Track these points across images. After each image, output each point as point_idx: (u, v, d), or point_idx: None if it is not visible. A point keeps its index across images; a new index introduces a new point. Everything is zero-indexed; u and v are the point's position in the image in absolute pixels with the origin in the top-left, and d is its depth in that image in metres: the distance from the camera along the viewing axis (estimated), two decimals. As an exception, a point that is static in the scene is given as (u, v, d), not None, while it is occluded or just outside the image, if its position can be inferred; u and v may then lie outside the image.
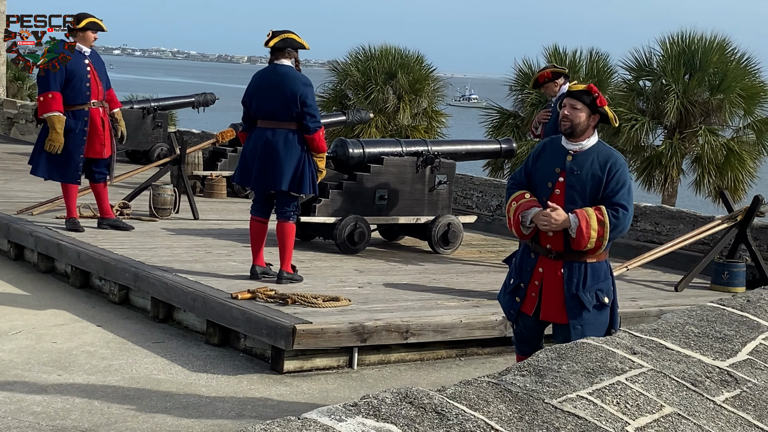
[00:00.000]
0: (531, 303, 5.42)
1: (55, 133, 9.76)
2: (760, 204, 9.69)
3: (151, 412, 5.91)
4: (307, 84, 8.05)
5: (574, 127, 5.33)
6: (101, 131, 10.01)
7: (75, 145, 9.89)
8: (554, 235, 5.29)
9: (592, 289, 5.32)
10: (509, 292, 5.52)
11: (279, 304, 7.33)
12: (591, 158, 5.31)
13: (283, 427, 2.69)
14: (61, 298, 8.71)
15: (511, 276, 5.57)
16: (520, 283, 5.44)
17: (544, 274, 5.36)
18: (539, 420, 3.04)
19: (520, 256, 5.52)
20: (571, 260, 5.31)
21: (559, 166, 5.34)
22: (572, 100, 5.37)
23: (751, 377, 3.75)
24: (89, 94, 9.95)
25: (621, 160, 5.41)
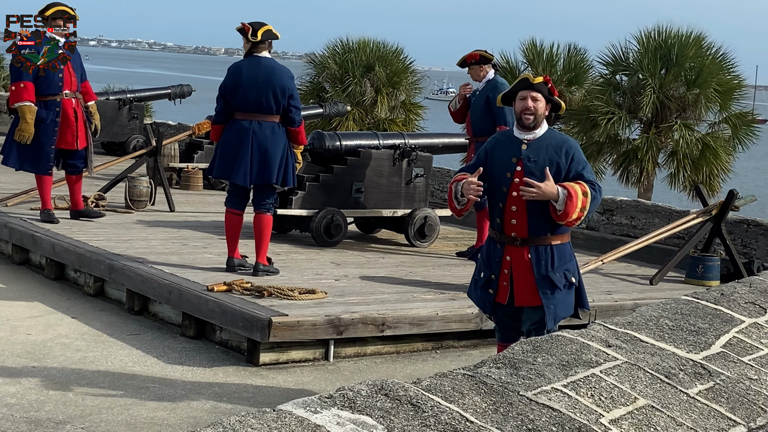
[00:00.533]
0: (504, 292, 5.55)
1: (25, 123, 9.70)
2: (734, 198, 9.75)
3: (126, 404, 5.89)
4: (292, 77, 8.15)
5: (537, 118, 5.49)
6: (73, 122, 9.95)
7: (46, 135, 9.83)
8: (518, 223, 5.44)
9: (560, 269, 5.49)
10: (481, 286, 5.65)
11: (255, 296, 7.32)
12: (545, 144, 5.49)
13: (259, 419, 2.69)
14: (36, 290, 8.66)
15: (480, 270, 5.68)
16: (491, 275, 5.57)
17: (513, 261, 5.50)
18: (514, 412, 3.05)
19: (487, 250, 5.66)
20: (537, 244, 5.47)
21: (514, 155, 5.48)
22: (534, 93, 5.49)
23: (725, 370, 3.78)
24: (62, 84, 9.89)
25: (574, 142, 5.64)
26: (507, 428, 2.94)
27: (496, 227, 5.58)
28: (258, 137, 7.96)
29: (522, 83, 5.57)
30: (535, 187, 5.30)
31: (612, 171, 18.48)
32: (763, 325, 4.32)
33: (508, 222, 5.48)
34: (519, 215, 5.46)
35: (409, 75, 20.58)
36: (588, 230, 11.56)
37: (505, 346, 5.60)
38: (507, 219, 5.49)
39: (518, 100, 5.53)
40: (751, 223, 10.53)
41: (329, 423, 2.73)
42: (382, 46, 20.46)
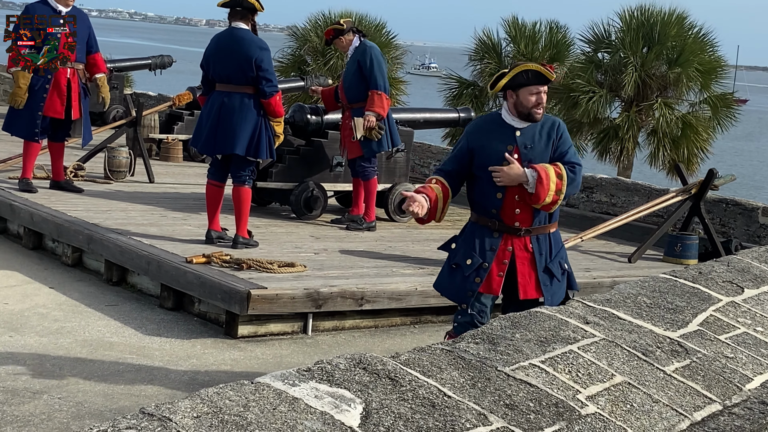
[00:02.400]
0: (497, 283, 5.26)
1: (18, 87, 9.72)
2: (714, 177, 9.79)
3: (103, 375, 5.88)
4: (263, 48, 7.98)
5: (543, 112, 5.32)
6: (65, 92, 9.88)
7: (34, 102, 9.80)
8: (522, 212, 5.24)
9: (557, 259, 5.35)
10: (466, 275, 5.28)
11: (234, 269, 7.31)
12: (536, 128, 5.31)
13: (236, 392, 2.69)
14: (13, 260, 8.61)
15: (463, 257, 5.32)
16: (483, 263, 5.25)
17: (516, 252, 5.25)
18: (492, 387, 3.06)
19: (474, 237, 5.32)
20: (538, 233, 5.29)
21: (509, 143, 5.27)
22: (545, 87, 5.30)
23: (701, 348, 3.80)
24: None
25: (562, 122, 5.47)
26: (484, 403, 2.95)
27: (491, 216, 5.28)
28: (225, 108, 7.93)
29: (538, 78, 5.28)
30: (497, 170, 5.14)
31: (592, 149, 18.50)
32: (740, 304, 4.35)
33: (510, 212, 5.24)
34: (523, 204, 5.24)
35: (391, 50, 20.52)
36: (568, 207, 11.59)
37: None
38: (509, 209, 5.25)
39: (528, 94, 5.24)
40: (729, 203, 10.59)
41: (307, 396, 2.73)
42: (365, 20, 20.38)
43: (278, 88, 8.13)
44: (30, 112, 9.80)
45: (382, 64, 9.43)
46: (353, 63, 9.46)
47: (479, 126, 5.49)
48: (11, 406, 5.25)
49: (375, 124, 9.28)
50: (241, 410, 2.57)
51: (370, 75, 9.25)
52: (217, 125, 7.94)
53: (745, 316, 4.25)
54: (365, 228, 9.59)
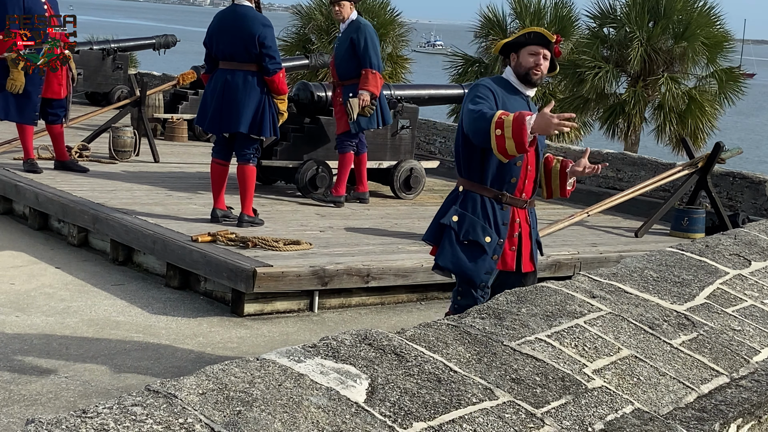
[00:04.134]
0: (511, 258, 5.08)
1: (16, 71, 9.62)
2: (720, 151, 9.75)
3: (110, 354, 5.88)
4: (266, 25, 7.94)
5: (542, 78, 5.17)
6: (59, 71, 9.86)
7: (33, 85, 9.75)
8: (528, 183, 5.10)
9: (536, 231, 5.30)
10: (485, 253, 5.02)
11: (240, 247, 7.30)
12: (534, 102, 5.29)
13: (242, 368, 2.68)
14: (19, 240, 8.62)
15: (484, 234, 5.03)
16: (499, 240, 5.05)
17: (522, 225, 5.13)
18: (498, 362, 3.05)
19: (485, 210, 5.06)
20: (532, 206, 5.24)
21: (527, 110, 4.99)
22: (546, 50, 5.09)
23: (708, 321, 3.79)
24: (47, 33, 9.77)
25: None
26: (490, 378, 2.94)
27: (505, 188, 5.05)
28: (229, 85, 7.90)
29: (538, 38, 5.10)
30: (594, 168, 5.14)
31: (600, 126, 18.44)
32: (747, 277, 4.34)
33: (521, 182, 5.08)
34: (531, 175, 5.14)
35: (396, 27, 20.44)
36: (574, 183, 11.56)
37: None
38: (523, 180, 5.08)
39: (527, 54, 5.06)
40: (736, 176, 10.55)
41: (313, 372, 2.72)
42: (370, -2, 20.29)
43: (281, 66, 8.08)
44: (28, 95, 9.76)
45: (375, 42, 9.39)
46: (345, 39, 9.41)
47: (495, 87, 5.13)
48: (18, 386, 5.26)
49: (369, 103, 9.27)
50: (246, 386, 2.56)
51: (365, 53, 9.21)
52: (221, 103, 7.91)
53: (752, 289, 4.24)
54: (330, 201, 9.54)
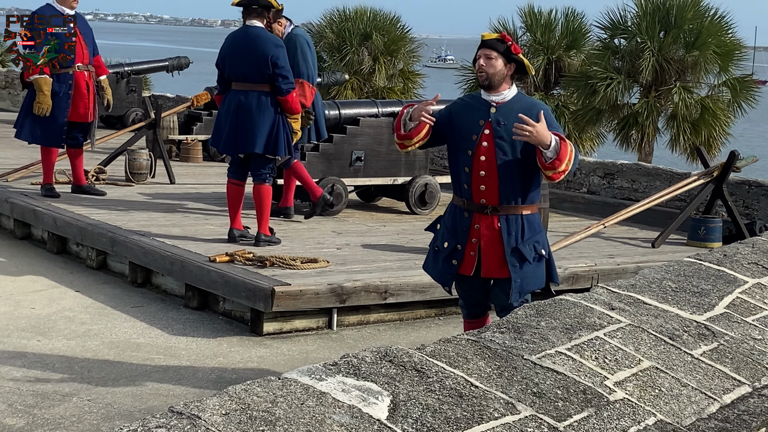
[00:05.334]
0: (470, 263, 5.23)
1: (43, 95, 9.68)
2: (736, 159, 9.73)
3: (131, 376, 5.91)
4: (278, 45, 7.99)
5: (491, 77, 5.17)
6: (86, 95, 9.92)
7: (59, 108, 9.81)
8: (487, 189, 5.16)
9: (530, 241, 5.22)
10: (444, 257, 5.31)
11: (257, 266, 7.33)
12: (514, 108, 5.16)
13: (264, 388, 2.69)
14: (39, 264, 8.67)
15: (442, 240, 5.33)
16: (457, 245, 5.25)
17: (482, 230, 5.19)
18: (519, 376, 3.06)
19: (452, 218, 5.33)
20: (508, 213, 5.19)
21: (482, 118, 5.17)
22: (486, 50, 5.20)
23: (728, 330, 3.78)
24: (74, 57, 9.84)
25: (544, 105, 5.33)
26: (512, 392, 2.95)
27: (462, 194, 5.25)
28: (243, 106, 7.94)
29: (481, 43, 5.28)
30: (530, 125, 4.93)
31: (612, 136, 18.43)
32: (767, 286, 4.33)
33: (477, 188, 5.18)
34: (489, 180, 5.15)
35: (407, 43, 20.51)
36: (589, 194, 11.56)
37: (472, 323, 5.42)
38: (475, 185, 5.18)
39: (478, 60, 5.25)
40: (752, 184, 10.52)
41: (334, 390, 2.73)
42: (380, 14, 20.37)
43: (294, 85, 8.13)
44: (54, 119, 9.82)
45: (306, 52, 9.27)
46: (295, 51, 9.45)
47: (459, 103, 5.44)
48: (41, 410, 5.29)
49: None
50: (269, 406, 2.58)
51: (295, 63, 9.15)
52: (235, 124, 7.95)
53: (771, 298, 4.22)
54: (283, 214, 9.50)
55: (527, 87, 18.59)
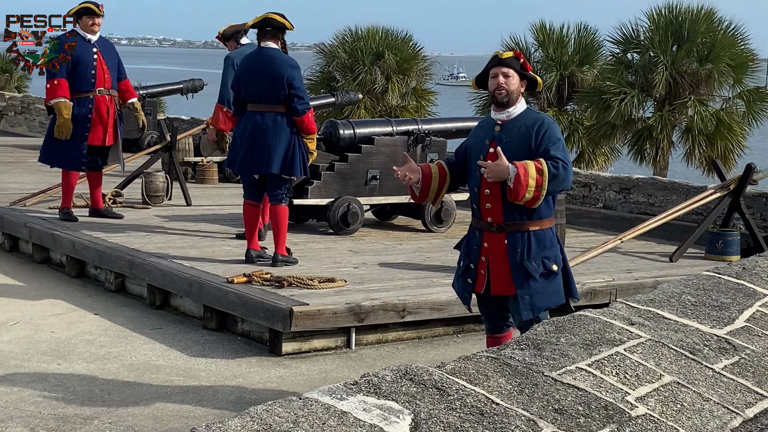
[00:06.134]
0: (481, 281, 5.37)
1: (63, 119, 9.75)
2: (752, 172, 9.70)
3: (151, 398, 5.92)
4: (293, 66, 8.02)
5: (510, 94, 5.29)
6: (106, 119, 9.98)
7: (79, 132, 9.88)
8: (492, 207, 5.25)
9: (538, 257, 5.24)
10: (461, 275, 5.49)
11: (275, 286, 7.34)
12: (519, 124, 5.29)
13: (285, 408, 2.70)
14: (58, 288, 8.71)
15: (459, 259, 5.54)
16: (470, 264, 5.39)
17: (489, 248, 5.30)
18: (539, 393, 3.06)
19: (468, 238, 5.49)
20: (514, 230, 5.25)
21: (488, 137, 5.34)
22: (504, 68, 5.32)
23: (749, 344, 3.77)
24: (94, 81, 9.91)
25: (549, 120, 5.38)
26: (533, 409, 2.95)
27: (474, 213, 5.41)
28: (259, 127, 7.97)
29: (492, 61, 5.40)
30: (484, 166, 5.14)
31: (627, 151, 18.39)
32: (786, 298, 4.31)
33: (483, 207, 5.30)
34: (493, 199, 5.25)
35: (419, 61, 20.55)
36: (605, 209, 11.54)
37: (495, 338, 5.49)
38: (482, 203, 5.30)
39: (490, 79, 5.36)
40: (769, 197, 10.48)
41: (355, 409, 2.74)
42: (391, 33, 20.43)
43: (310, 105, 8.17)
44: (75, 142, 9.89)
45: (227, 73, 9.24)
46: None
47: (478, 123, 5.67)
48: (63, 433, 5.30)
49: (213, 138, 9.43)
50: (290, 426, 2.58)
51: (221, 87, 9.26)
52: (252, 146, 7.98)
53: (791, 310, 4.21)
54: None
55: (540, 103, 18.60)
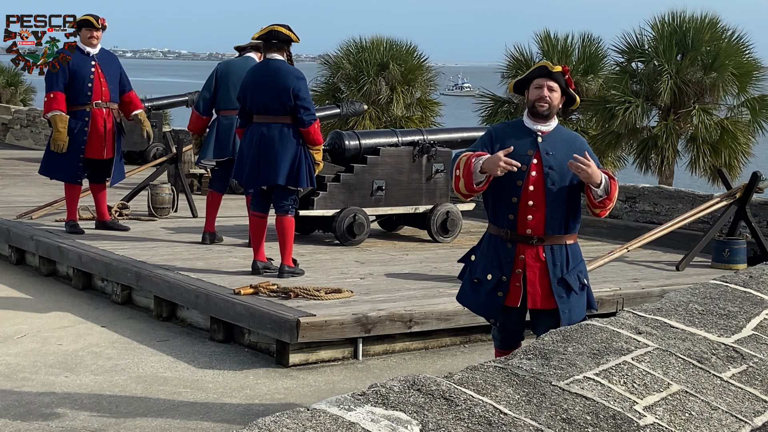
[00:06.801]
0: (516, 294, 5.20)
1: (58, 132, 9.78)
2: (758, 180, 9.70)
3: (159, 410, 5.93)
4: (299, 77, 8.04)
5: (551, 109, 5.22)
6: (102, 132, 9.99)
7: (75, 145, 9.90)
8: (534, 219, 5.15)
9: (574, 271, 5.23)
10: (489, 290, 5.25)
11: (282, 298, 7.35)
12: (559, 138, 5.23)
13: (293, 419, 2.70)
14: (64, 301, 8.72)
15: (483, 272, 5.28)
16: (502, 277, 5.21)
17: (527, 261, 5.17)
18: (547, 402, 3.06)
19: (493, 249, 5.27)
20: (552, 243, 5.19)
21: (530, 148, 5.16)
22: (551, 82, 5.22)
23: (757, 352, 3.77)
24: (91, 94, 9.93)
25: (584, 139, 5.42)
26: (541, 419, 2.95)
27: (505, 224, 5.21)
28: (265, 139, 7.98)
29: (540, 70, 5.27)
30: (585, 164, 4.97)
31: (632, 160, 18.39)
32: (793, 306, 4.31)
33: (523, 219, 5.16)
34: (536, 211, 5.15)
35: (424, 72, 20.59)
36: (611, 218, 11.53)
37: (504, 353, 5.43)
38: (522, 215, 5.16)
39: (533, 88, 5.23)
40: (775, 205, 10.47)
41: (363, 420, 2.74)
42: (396, 44, 20.48)
43: (316, 117, 8.18)
44: (71, 155, 9.91)
45: (206, 81, 9.72)
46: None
47: (501, 129, 5.44)
48: (71, 446, 5.31)
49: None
50: (300, 437, 2.58)
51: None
52: (258, 157, 8.00)
53: (799, 318, 4.21)
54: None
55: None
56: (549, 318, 5.23)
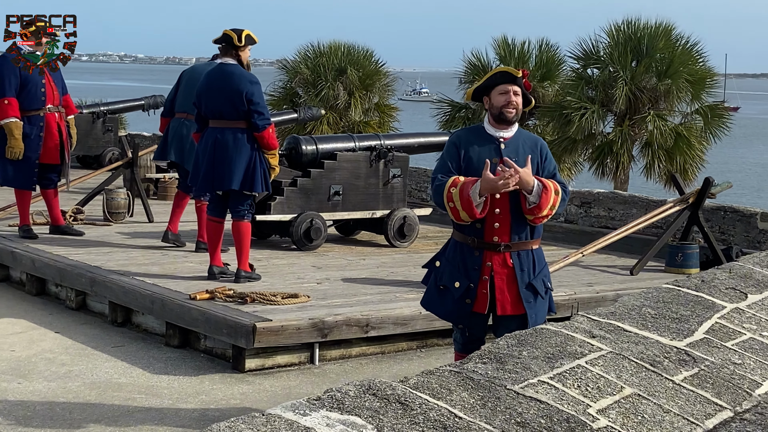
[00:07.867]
0: (484, 300, 5.21)
1: (14, 139, 9.66)
2: (710, 185, 9.82)
3: (113, 416, 5.88)
4: (253, 82, 8.01)
5: (518, 114, 5.26)
6: (57, 136, 9.90)
7: (30, 150, 9.79)
8: (501, 226, 5.17)
9: (540, 276, 5.28)
10: (458, 298, 5.25)
11: (238, 303, 7.32)
12: (520, 142, 5.26)
13: (248, 424, 2.70)
14: (18, 306, 8.62)
15: (450, 279, 5.27)
16: (470, 284, 5.22)
17: (495, 267, 5.19)
18: (502, 406, 3.07)
19: (460, 256, 5.27)
20: (519, 249, 5.22)
21: (495, 156, 5.19)
22: (515, 87, 5.24)
23: (708, 356, 3.81)
24: (44, 99, 9.84)
25: (543, 141, 5.44)
26: (496, 422, 2.96)
27: (471, 232, 5.21)
28: (220, 144, 7.96)
29: (504, 76, 5.28)
30: (515, 168, 5.00)
31: (588, 166, 18.53)
32: (745, 310, 4.37)
33: (490, 226, 5.17)
34: (502, 218, 5.17)
35: (382, 77, 20.61)
36: (567, 223, 11.62)
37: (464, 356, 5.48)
38: (489, 223, 5.17)
39: (497, 95, 5.23)
40: (728, 210, 10.61)
41: (319, 425, 2.74)
42: (353, 49, 20.48)
43: (270, 121, 8.15)
44: (27, 161, 9.79)
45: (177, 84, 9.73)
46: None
47: (464, 136, 5.39)
48: (23, 453, 5.24)
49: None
50: (254, 442, 2.58)
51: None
52: (213, 162, 7.97)
53: (750, 322, 4.27)
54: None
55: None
56: (511, 322, 5.23)
